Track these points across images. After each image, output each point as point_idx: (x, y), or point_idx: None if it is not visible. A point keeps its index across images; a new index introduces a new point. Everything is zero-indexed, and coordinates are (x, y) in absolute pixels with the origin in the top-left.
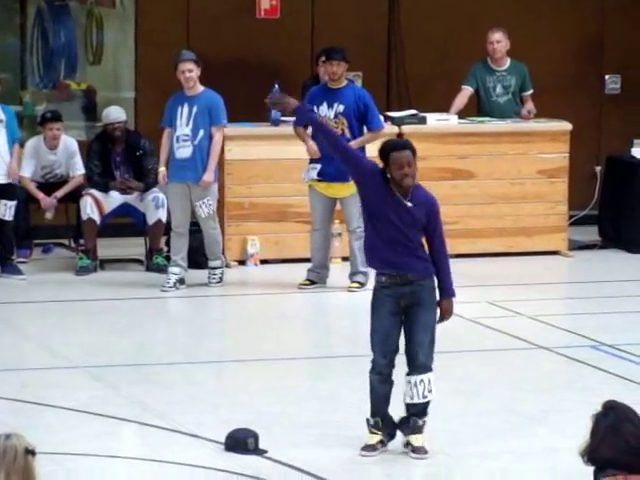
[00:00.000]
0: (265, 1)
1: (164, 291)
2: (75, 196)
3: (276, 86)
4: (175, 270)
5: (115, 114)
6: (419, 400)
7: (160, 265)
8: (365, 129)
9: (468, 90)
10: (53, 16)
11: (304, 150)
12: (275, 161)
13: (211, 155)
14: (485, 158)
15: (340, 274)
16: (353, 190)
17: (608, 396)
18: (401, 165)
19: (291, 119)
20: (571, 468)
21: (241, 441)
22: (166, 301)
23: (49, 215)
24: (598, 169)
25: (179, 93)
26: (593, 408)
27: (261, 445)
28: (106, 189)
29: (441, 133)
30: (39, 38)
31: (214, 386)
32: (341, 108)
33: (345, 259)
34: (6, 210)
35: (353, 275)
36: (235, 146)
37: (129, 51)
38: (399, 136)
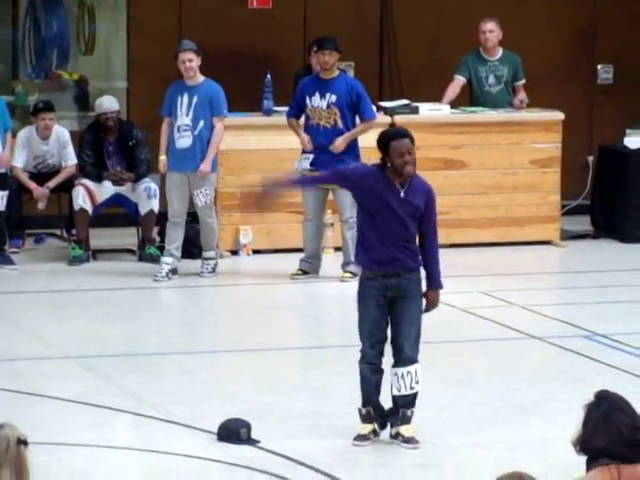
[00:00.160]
0: None
1: (156, 281)
2: (67, 186)
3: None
4: (168, 260)
5: (108, 104)
6: (406, 392)
7: (153, 255)
8: (358, 119)
9: (460, 80)
10: (45, 6)
11: (297, 140)
12: (268, 151)
13: (211, 145)
14: (477, 148)
15: (332, 264)
16: None
17: (600, 386)
18: (401, 153)
19: (284, 109)
20: (564, 458)
21: (234, 431)
22: (159, 291)
23: (41, 205)
24: (590, 159)
25: (179, 82)
26: (585, 398)
27: (254, 435)
28: (99, 179)
29: (433, 123)
30: (31, 28)
31: (207, 376)
32: (333, 98)
33: (337, 249)
34: None
35: (345, 265)
36: (228, 136)
37: (121, 41)
38: (392, 126)
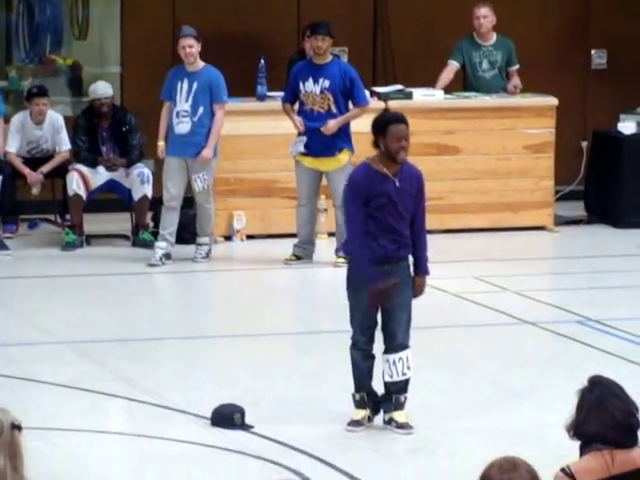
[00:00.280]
0: None
1: (150, 265)
2: (61, 171)
3: None
4: (162, 245)
5: (102, 89)
6: (398, 378)
7: (146, 240)
8: (351, 104)
9: (454, 65)
10: None
11: (291, 125)
12: (261, 136)
13: (212, 132)
14: (471, 133)
15: (326, 249)
16: (339, 164)
17: (594, 371)
18: (399, 138)
19: (278, 94)
20: (557, 443)
21: (227, 416)
22: (152, 277)
23: (35, 191)
24: (584, 144)
25: (179, 67)
26: (579, 383)
27: (247, 421)
28: (94, 165)
29: (427, 108)
30: (25, 13)
31: (201, 362)
32: (327, 83)
33: (331, 234)
34: None
35: (339, 250)
36: None
37: (115, 26)
38: (386, 111)
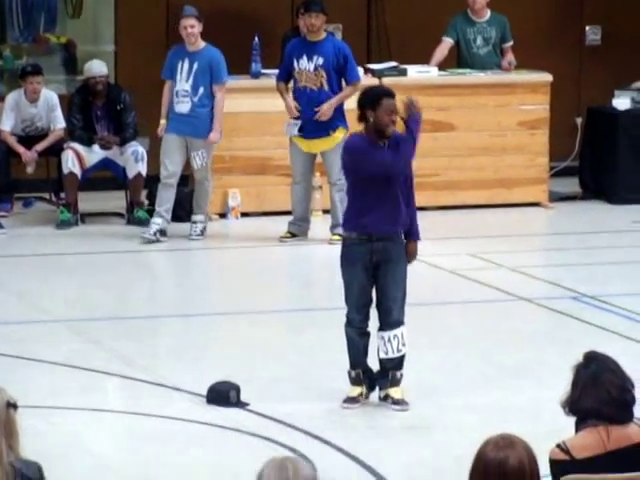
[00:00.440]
0: None
1: (143, 238)
2: (56, 150)
3: None
4: (157, 220)
5: (97, 68)
6: (394, 354)
7: (141, 218)
8: (344, 83)
9: (448, 42)
10: None
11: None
12: (256, 114)
13: (216, 114)
14: (465, 110)
15: (321, 226)
16: (334, 143)
17: (589, 347)
18: (391, 111)
19: (272, 72)
20: (553, 419)
21: (223, 394)
22: (147, 254)
23: (30, 169)
24: (579, 120)
25: (180, 47)
26: (574, 359)
27: (243, 398)
28: (89, 143)
29: (421, 85)
30: None
31: (196, 339)
32: (320, 61)
33: (326, 212)
34: None
35: (334, 227)
36: None
37: (109, 4)
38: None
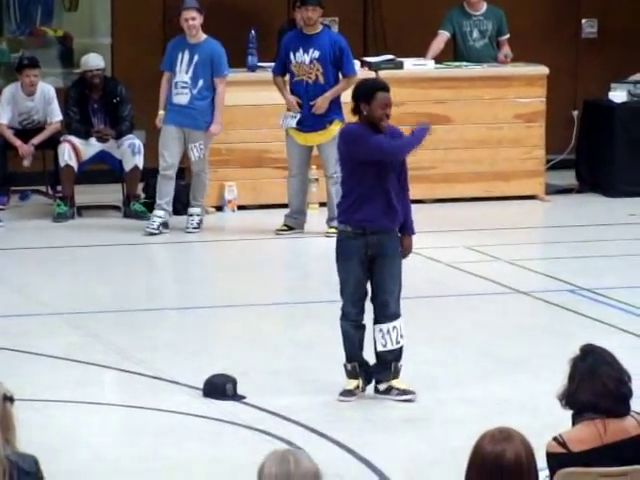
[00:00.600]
0: None
1: (148, 233)
2: (52, 143)
3: None
4: (159, 213)
5: (94, 61)
6: (393, 347)
7: (137, 211)
8: (340, 76)
9: (445, 35)
10: None
11: (281, 96)
12: (252, 107)
13: (217, 107)
14: (462, 103)
15: (317, 219)
16: (330, 136)
17: (586, 340)
18: (386, 105)
19: (268, 65)
20: (550, 412)
21: (219, 387)
22: (144, 247)
23: (27, 162)
24: (575, 113)
25: (180, 38)
26: (571, 352)
27: (239, 391)
28: (86, 136)
29: (418, 78)
30: None
31: (192, 332)
32: (316, 54)
33: (322, 204)
34: None
35: (330, 220)
36: None
37: None
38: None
